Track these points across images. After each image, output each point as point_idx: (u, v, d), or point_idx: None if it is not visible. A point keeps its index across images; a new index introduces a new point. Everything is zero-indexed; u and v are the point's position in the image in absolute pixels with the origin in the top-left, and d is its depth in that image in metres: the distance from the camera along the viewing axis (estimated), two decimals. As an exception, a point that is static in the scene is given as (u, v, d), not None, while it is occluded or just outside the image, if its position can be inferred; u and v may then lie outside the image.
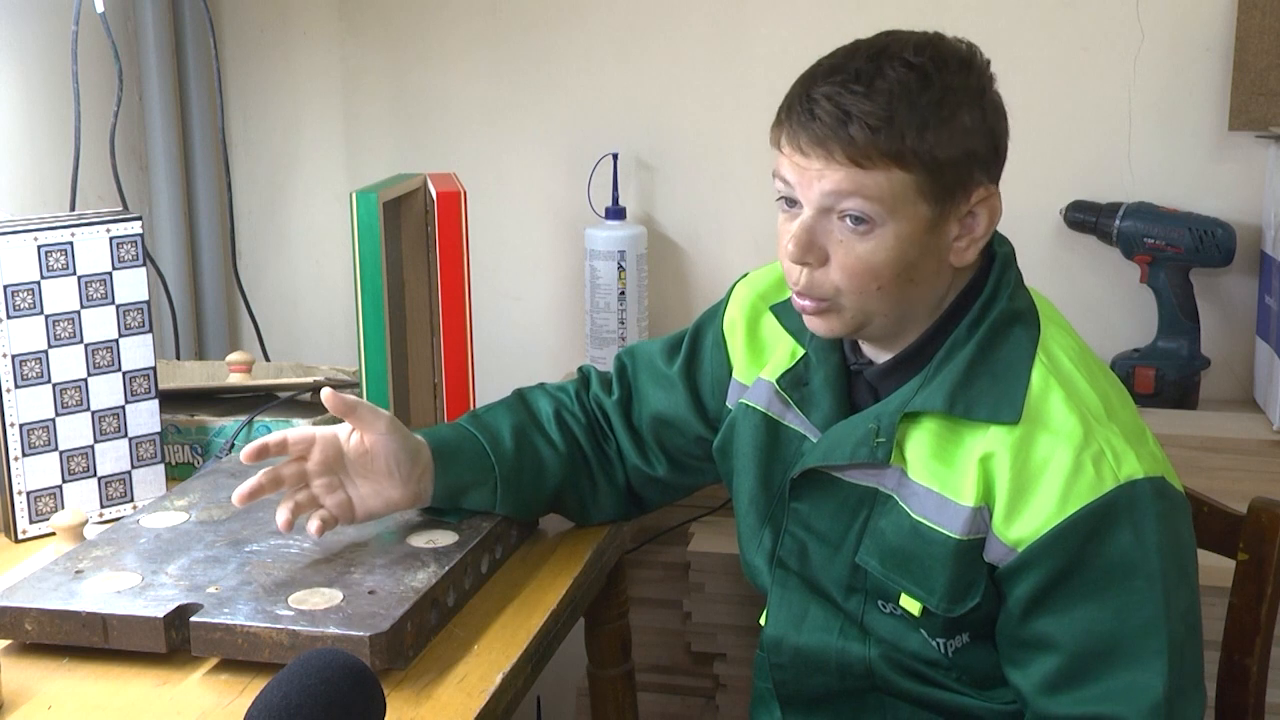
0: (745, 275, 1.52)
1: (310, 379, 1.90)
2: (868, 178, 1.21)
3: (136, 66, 2.27)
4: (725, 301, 1.52)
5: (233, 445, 1.76)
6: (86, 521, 1.52)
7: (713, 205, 2.30)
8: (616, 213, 2.25)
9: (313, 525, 1.39)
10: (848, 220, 1.23)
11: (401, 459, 1.42)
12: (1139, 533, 1.20)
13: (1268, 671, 1.44)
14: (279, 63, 2.42)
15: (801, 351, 1.40)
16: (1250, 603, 1.42)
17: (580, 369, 1.64)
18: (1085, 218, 2.13)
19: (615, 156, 2.26)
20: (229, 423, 1.78)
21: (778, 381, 1.41)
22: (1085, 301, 2.17)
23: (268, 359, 2.31)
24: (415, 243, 1.87)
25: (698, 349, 1.53)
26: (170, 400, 1.79)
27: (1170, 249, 2.07)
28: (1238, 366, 2.16)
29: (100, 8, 2.01)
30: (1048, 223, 2.17)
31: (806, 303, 1.29)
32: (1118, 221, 2.09)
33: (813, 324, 1.32)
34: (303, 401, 1.90)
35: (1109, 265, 2.16)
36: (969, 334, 1.28)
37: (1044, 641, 1.24)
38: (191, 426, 1.78)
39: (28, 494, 1.60)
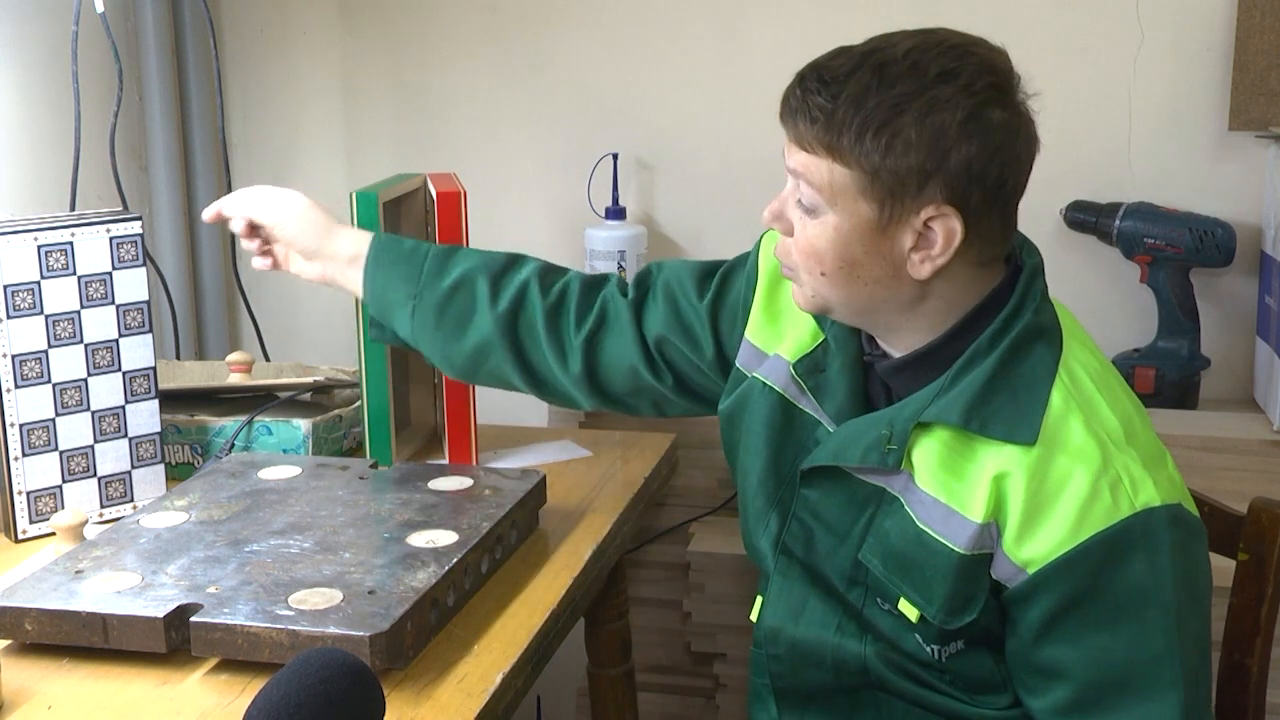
0: (769, 230, 1.47)
1: (310, 379, 1.90)
2: (814, 163, 1.24)
3: (136, 66, 2.27)
4: (755, 253, 1.49)
5: (232, 445, 1.76)
6: (86, 521, 1.52)
7: (713, 205, 2.30)
8: (616, 213, 2.25)
9: (261, 262, 1.61)
10: (801, 200, 1.27)
11: (306, 238, 1.57)
12: (1153, 562, 1.20)
13: (1268, 671, 1.44)
14: (279, 63, 2.42)
15: (822, 336, 1.39)
16: (1250, 603, 1.42)
17: (609, 275, 1.61)
18: (1085, 218, 2.13)
19: (615, 156, 2.26)
20: (229, 423, 1.78)
21: (795, 366, 1.40)
22: (1085, 301, 2.16)
23: (268, 359, 2.30)
24: (415, 243, 1.87)
25: (725, 290, 1.51)
26: (170, 400, 1.79)
27: (1170, 249, 2.07)
28: (1238, 366, 2.16)
29: (100, 8, 2.01)
30: (1048, 223, 2.17)
31: (784, 268, 1.34)
32: (1118, 221, 2.09)
33: (791, 291, 1.35)
34: (303, 401, 1.90)
35: (1109, 265, 2.16)
36: (991, 346, 1.26)
37: (1056, 669, 1.24)
38: (191, 426, 1.78)
39: (28, 494, 1.60)
